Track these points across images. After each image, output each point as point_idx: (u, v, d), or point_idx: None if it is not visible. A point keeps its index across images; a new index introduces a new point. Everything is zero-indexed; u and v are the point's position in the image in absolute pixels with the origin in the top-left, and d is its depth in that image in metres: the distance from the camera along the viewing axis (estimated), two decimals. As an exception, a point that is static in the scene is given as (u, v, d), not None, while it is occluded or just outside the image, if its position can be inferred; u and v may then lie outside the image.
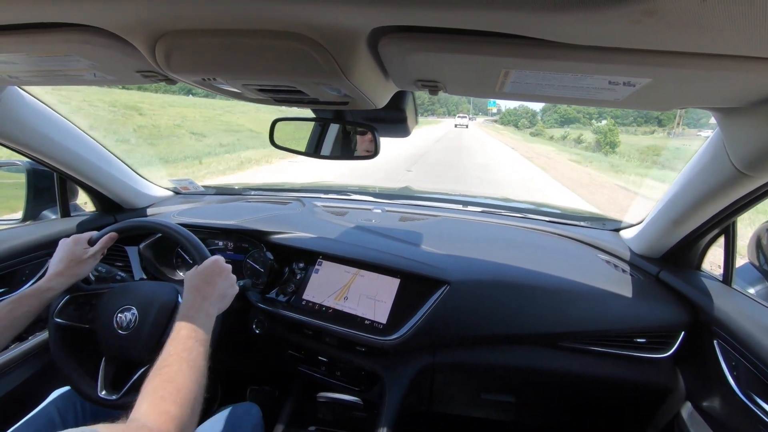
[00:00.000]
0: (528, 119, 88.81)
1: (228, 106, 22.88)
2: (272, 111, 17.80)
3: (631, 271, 1.23)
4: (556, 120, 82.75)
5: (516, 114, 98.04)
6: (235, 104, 22.16)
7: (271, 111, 16.67)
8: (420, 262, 1.19)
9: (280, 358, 1.33)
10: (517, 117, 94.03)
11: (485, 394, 1.32)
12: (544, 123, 78.21)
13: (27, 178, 1.42)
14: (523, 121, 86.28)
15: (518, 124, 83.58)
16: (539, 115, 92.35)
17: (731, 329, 0.94)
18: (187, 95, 27.81)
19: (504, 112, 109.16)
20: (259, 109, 18.28)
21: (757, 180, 0.78)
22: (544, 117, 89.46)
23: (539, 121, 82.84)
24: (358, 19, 0.45)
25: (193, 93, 27.91)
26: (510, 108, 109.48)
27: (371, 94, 0.68)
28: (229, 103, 21.71)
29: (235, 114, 21.55)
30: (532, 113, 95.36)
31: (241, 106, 22.34)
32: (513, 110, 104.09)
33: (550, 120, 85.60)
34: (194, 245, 1.01)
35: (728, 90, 0.58)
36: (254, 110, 20.78)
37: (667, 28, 0.38)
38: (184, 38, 0.52)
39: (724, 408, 0.96)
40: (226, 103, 22.43)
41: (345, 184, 2.19)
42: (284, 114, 1.10)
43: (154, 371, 0.64)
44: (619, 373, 1.14)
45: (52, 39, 0.57)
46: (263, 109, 17.86)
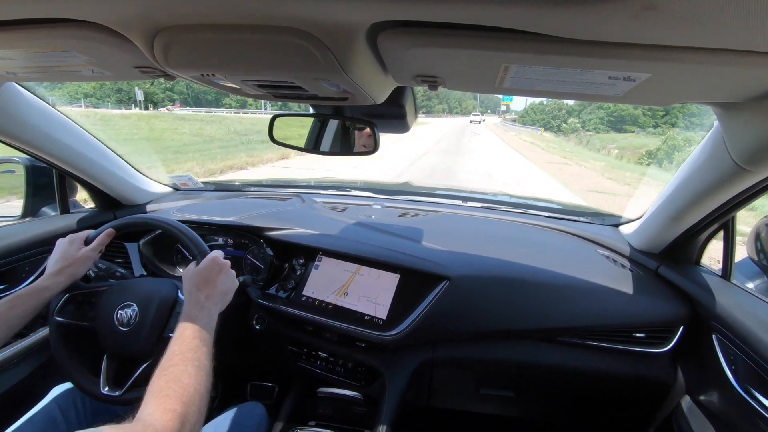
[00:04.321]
0: (562, 119, 59.54)
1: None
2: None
3: (631, 267, 1.24)
4: (603, 120, 51.85)
5: (544, 111, 67.92)
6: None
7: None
8: (420, 257, 1.19)
9: (281, 354, 1.33)
10: (546, 116, 65.62)
11: (485, 389, 1.33)
12: (584, 125, 49.80)
13: (26, 175, 1.42)
14: (558, 122, 58.16)
15: (559, 126, 55.43)
16: (576, 114, 58.41)
17: (730, 324, 0.94)
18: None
19: (527, 109, 77.87)
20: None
21: (757, 175, 0.78)
22: (582, 116, 56.42)
23: (577, 122, 52.29)
24: (357, 14, 0.45)
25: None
26: (534, 103, 74.94)
27: (370, 89, 0.68)
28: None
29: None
30: (568, 110, 61.88)
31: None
32: (538, 106, 72.68)
33: (593, 120, 53.57)
34: (192, 240, 1.01)
35: (728, 85, 0.58)
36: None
37: (666, 22, 0.38)
38: (182, 33, 0.52)
39: (723, 402, 0.97)
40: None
41: (345, 180, 2.18)
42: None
43: (159, 371, 0.64)
44: (618, 368, 1.15)
45: (49, 35, 0.57)
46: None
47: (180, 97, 59.58)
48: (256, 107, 55.62)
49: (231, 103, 59.21)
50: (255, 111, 51.79)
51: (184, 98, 60.50)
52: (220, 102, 61.69)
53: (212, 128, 21.72)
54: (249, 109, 56.65)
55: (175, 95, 58.20)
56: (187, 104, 58.52)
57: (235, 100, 55.92)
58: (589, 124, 52.94)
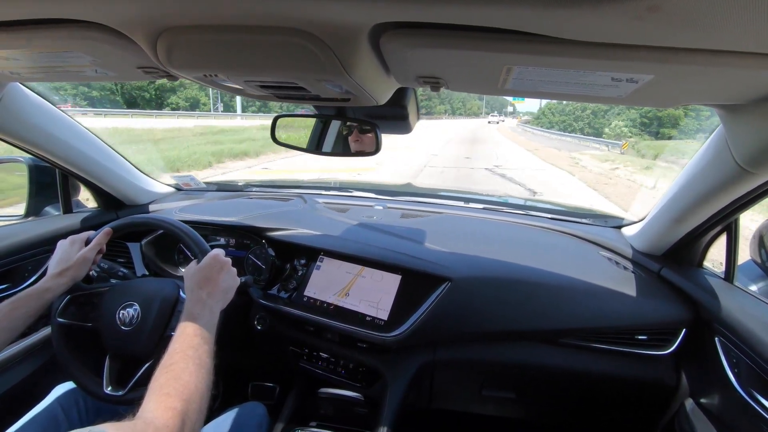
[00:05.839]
0: (586, 120, 46.76)
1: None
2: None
3: (633, 269, 1.23)
4: (635, 122, 38.64)
5: (564, 112, 54.17)
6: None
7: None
8: (422, 258, 1.19)
9: (282, 354, 1.33)
10: (567, 116, 52.58)
11: (486, 391, 1.32)
12: (611, 127, 37.10)
13: (29, 174, 1.42)
14: (582, 125, 45.85)
15: (597, 129, 41.72)
16: (615, 115, 40.96)
17: (733, 326, 0.94)
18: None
19: (543, 109, 64.10)
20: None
21: (760, 177, 0.78)
22: (608, 116, 42.52)
23: (623, 125, 36.95)
24: (359, 15, 0.45)
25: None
26: (552, 102, 52.69)
27: (373, 90, 0.68)
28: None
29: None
30: (593, 110, 46.17)
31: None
32: (555, 105, 56.81)
33: (624, 122, 38.58)
34: (193, 239, 1.01)
35: (732, 87, 0.57)
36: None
37: (670, 24, 0.38)
38: (185, 34, 0.52)
39: (726, 405, 0.96)
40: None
41: (347, 181, 2.18)
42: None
43: (160, 369, 0.64)
44: (621, 370, 1.14)
45: (54, 35, 0.57)
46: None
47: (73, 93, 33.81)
48: (207, 110, 40.35)
49: (178, 102, 41.71)
50: (203, 114, 36.86)
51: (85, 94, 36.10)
52: (164, 101, 41.78)
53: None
54: (198, 111, 40.23)
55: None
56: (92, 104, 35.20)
57: (183, 99, 40.59)
58: (616, 128, 38.53)
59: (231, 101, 41.85)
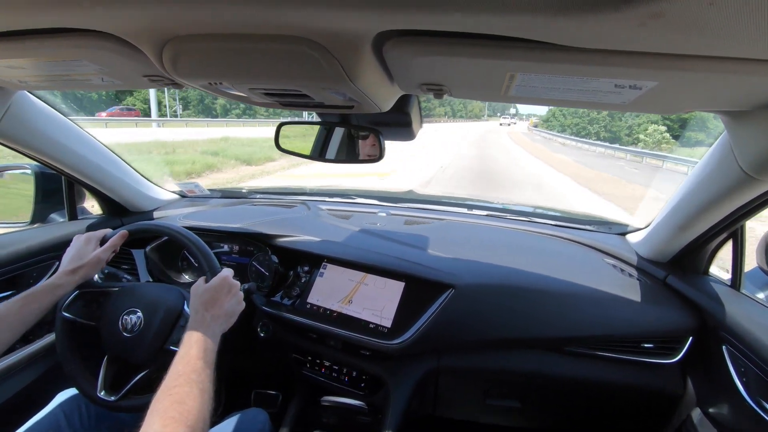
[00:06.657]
0: (602, 125, 41.78)
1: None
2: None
3: (638, 276, 1.22)
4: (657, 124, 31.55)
5: (576, 114, 46.56)
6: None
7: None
8: (425, 265, 1.18)
9: (285, 361, 1.33)
10: (581, 119, 45.96)
11: (490, 399, 1.31)
12: (647, 133, 31.92)
13: (35, 181, 1.43)
14: (596, 128, 41.19)
15: (631, 135, 36.85)
16: (618, 119, 39.59)
17: (740, 334, 0.93)
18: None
19: (553, 110, 50.84)
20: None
21: (766, 183, 0.77)
22: (625, 119, 39.23)
23: (664, 129, 31.11)
24: (363, 23, 0.46)
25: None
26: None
27: (376, 97, 0.68)
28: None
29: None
30: (609, 113, 36.20)
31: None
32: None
33: (644, 124, 34.85)
34: (206, 256, 1.01)
35: (736, 93, 0.57)
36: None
37: (673, 30, 0.38)
38: (191, 43, 0.52)
39: (734, 414, 0.95)
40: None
41: (350, 188, 2.19)
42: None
43: (164, 390, 0.64)
44: (626, 379, 1.13)
45: (61, 44, 0.58)
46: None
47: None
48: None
49: (135, 103, 34.16)
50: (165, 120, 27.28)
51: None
52: (121, 101, 32.18)
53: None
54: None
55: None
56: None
57: (141, 101, 34.36)
58: (636, 133, 36.28)
59: (214, 103, 37.57)
